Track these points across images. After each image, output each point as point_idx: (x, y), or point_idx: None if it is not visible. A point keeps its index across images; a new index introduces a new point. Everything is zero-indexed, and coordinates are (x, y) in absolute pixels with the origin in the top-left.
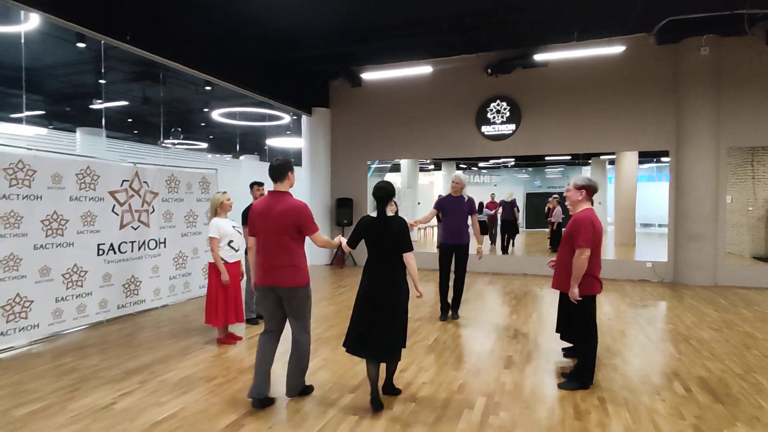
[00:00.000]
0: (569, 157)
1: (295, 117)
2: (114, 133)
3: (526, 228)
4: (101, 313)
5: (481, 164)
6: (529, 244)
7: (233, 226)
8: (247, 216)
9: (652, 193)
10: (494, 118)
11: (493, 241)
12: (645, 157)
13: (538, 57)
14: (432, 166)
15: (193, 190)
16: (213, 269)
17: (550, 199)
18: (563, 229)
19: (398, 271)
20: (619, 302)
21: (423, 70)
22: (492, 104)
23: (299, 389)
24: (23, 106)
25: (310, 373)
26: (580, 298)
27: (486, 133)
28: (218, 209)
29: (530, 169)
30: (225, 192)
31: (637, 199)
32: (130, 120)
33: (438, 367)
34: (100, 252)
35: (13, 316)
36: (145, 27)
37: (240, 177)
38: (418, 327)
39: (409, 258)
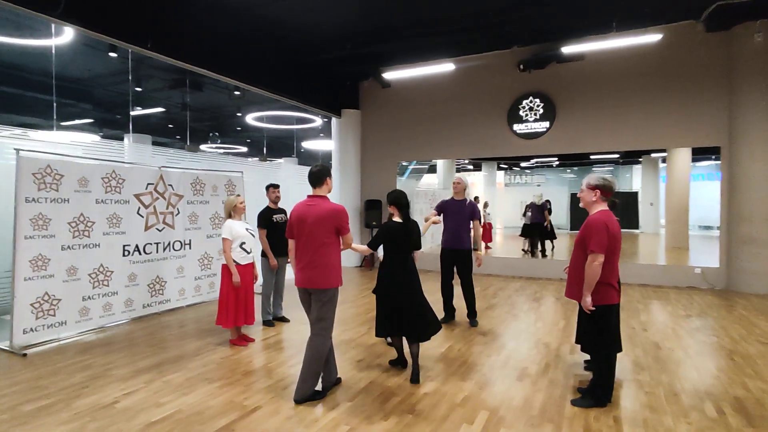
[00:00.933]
0: (616, 156)
1: (325, 119)
2: (159, 139)
3: (571, 230)
4: (127, 312)
5: (523, 164)
6: (572, 248)
7: (246, 228)
8: (262, 218)
9: (711, 193)
10: (527, 115)
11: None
12: (702, 154)
13: (569, 49)
14: (471, 167)
15: (219, 192)
16: (225, 270)
17: None
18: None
19: (412, 263)
20: (658, 312)
21: (451, 68)
22: (524, 101)
23: (308, 394)
24: (54, 114)
25: None
26: (594, 308)
27: (518, 132)
28: (232, 212)
29: (576, 168)
30: (239, 195)
31: (692, 200)
32: (170, 126)
33: (445, 377)
34: (126, 253)
35: (42, 314)
36: (171, 34)
37: (277, 180)
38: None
39: (417, 253)
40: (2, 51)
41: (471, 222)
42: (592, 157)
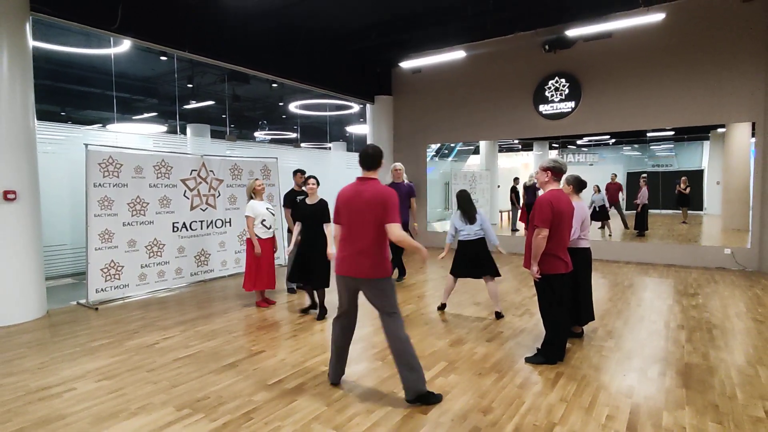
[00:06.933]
0: (671, 132)
1: (361, 105)
2: (216, 128)
3: (627, 210)
4: (177, 278)
5: (579, 142)
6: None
7: (267, 208)
8: (287, 198)
9: None
10: (552, 96)
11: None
12: None
13: (576, 32)
14: (520, 146)
15: (255, 176)
16: (249, 244)
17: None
18: (649, 211)
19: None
20: (667, 290)
21: (472, 53)
22: (550, 81)
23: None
24: (114, 109)
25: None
26: (540, 276)
27: (544, 112)
28: (252, 193)
29: (636, 146)
30: (257, 178)
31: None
32: (223, 116)
33: (423, 336)
34: (175, 229)
35: (109, 277)
36: (210, 37)
37: (328, 165)
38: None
39: (327, 227)
40: (89, 60)
41: (409, 200)
42: (649, 134)
